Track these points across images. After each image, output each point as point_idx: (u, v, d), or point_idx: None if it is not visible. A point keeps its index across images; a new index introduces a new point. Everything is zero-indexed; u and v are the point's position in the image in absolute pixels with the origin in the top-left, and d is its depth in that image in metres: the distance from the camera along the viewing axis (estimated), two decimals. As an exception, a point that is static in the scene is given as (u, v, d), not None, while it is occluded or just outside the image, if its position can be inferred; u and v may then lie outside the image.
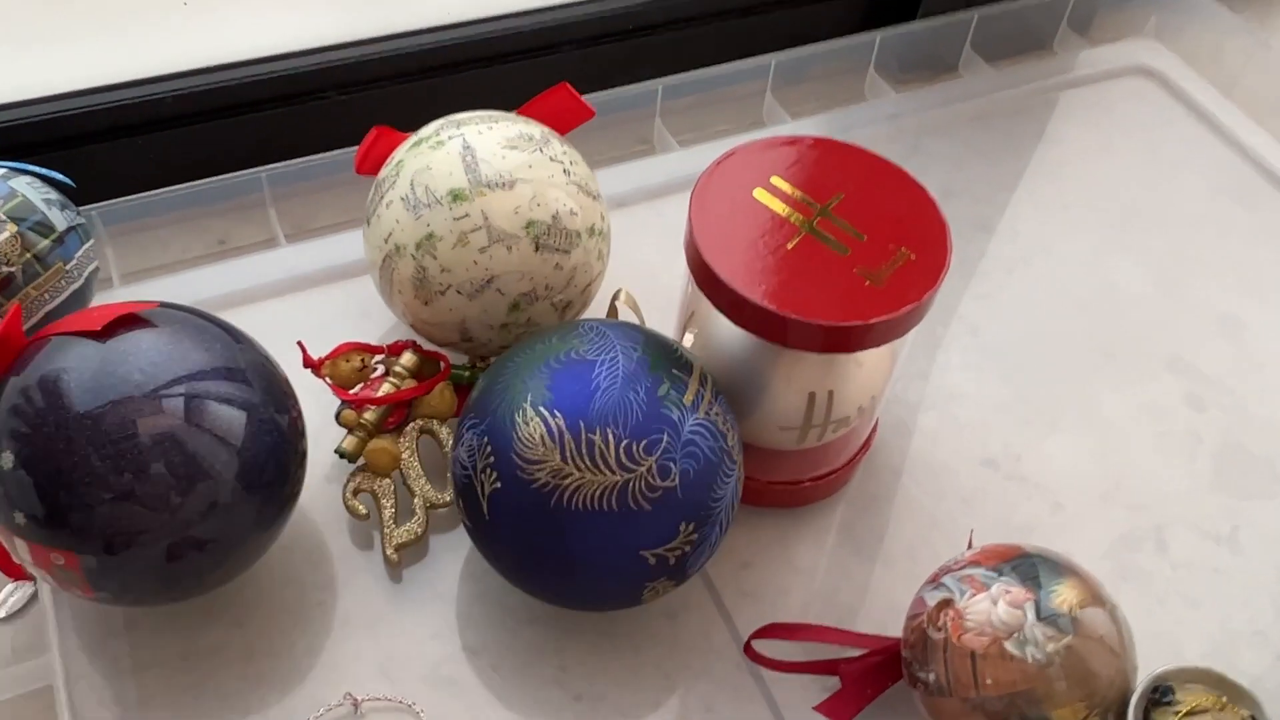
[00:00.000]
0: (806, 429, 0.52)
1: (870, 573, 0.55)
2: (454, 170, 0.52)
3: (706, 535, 0.46)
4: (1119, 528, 0.58)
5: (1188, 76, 0.83)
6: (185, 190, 0.63)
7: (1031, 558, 0.46)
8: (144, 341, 0.44)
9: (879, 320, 0.46)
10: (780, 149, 0.52)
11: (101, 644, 0.50)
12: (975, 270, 0.69)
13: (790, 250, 0.48)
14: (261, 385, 0.47)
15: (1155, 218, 0.74)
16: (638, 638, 0.52)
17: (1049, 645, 0.43)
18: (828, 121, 0.77)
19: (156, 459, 0.43)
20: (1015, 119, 0.79)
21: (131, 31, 0.62)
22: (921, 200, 0.50)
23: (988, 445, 0.61)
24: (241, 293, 0.63)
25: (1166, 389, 0.64)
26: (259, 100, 0.66)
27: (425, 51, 0.68)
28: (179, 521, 0.44)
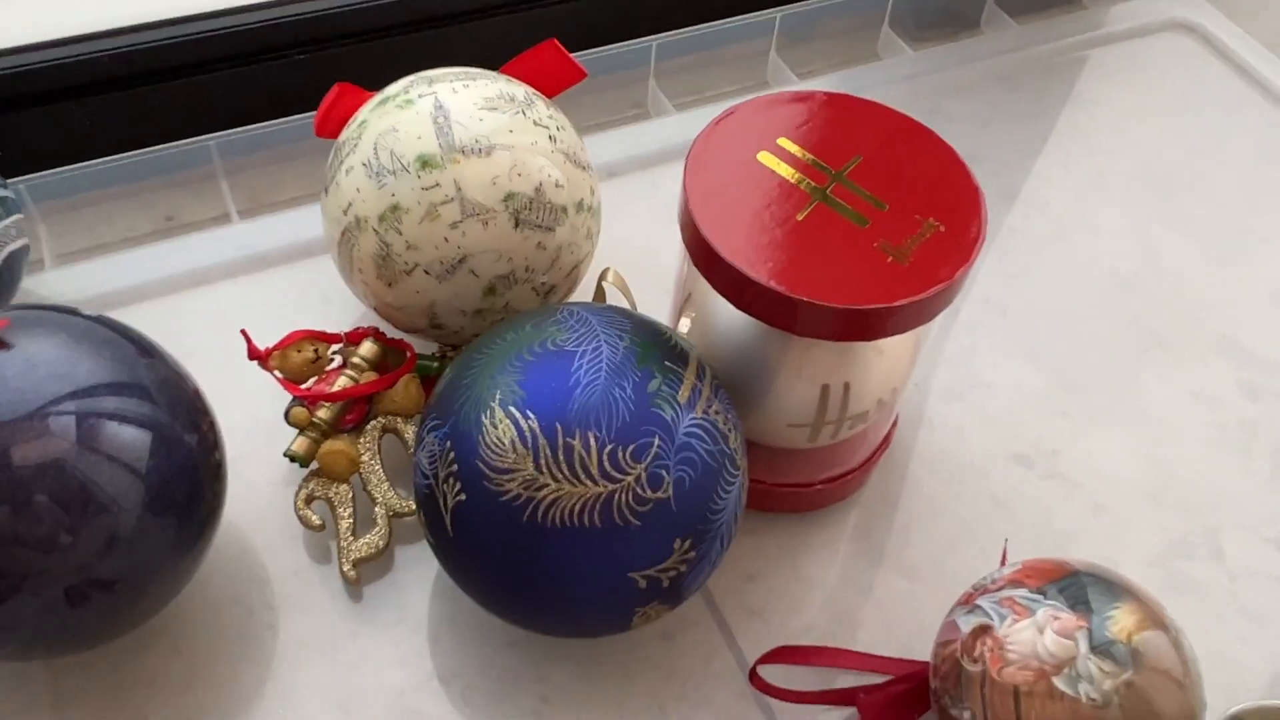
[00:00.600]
0: (819, 426, 0.46)
1: (891, 586, 0.49)
2: (424, 133, 0.45)
3: (705, 552, 0.40)
4: (1169, 533, 0.52)
5: (1230, 31, 0.76)
6: (127, 161, 0.58)
7: (1081, 577, 0.40)
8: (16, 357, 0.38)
9: (904, 303, 0.39)
10: (788, 106, 0.45)
11: (18, 676, 0.44)
12: (1003, 245, 0.63)
13: (800, 222, 0.41)
14: (166, 398, 0.40)
15: (1199, 186, 0.67)
16: (629, 663, 0.46)
17: (1105, 682, 0.37)
18: (838, 82, 0.71)
19: (40, 489, 0.37)
20: (1043, 79, 0.73)
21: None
22: (951, 163, 0.44)
23: (1020, 440, 0.55)
24: (191, 274, 0.57)
25: (1217, 375, 0.58)
26: (209, 59, 0.60)
27: (396, 4, 0.61)
28: (73, 561, 0.38)
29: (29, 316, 0.39)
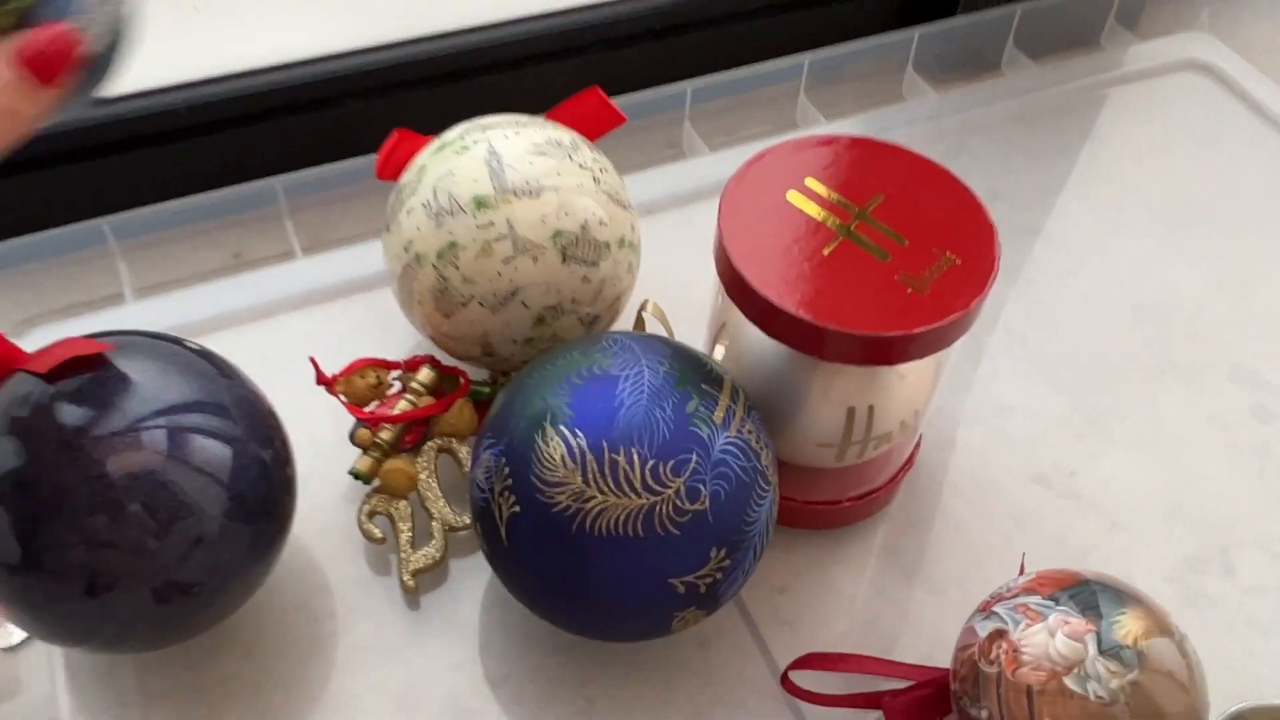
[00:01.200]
0: (846, 446, 0.49)
1: (915, 598, 0.52)
2: (479, 176, 0.49)
3: (740, 561, 0.43)
4: (1183, 549, 0.55)
5: (1244, 70, 0.79)
6: (199, 202, 0.61)
7: (1091, 585, 0.42)
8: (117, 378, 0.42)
9: (923, 330, 0.42)
10: (815, 149, 0.49)
11: (108, 676, 0.48)
12: (1024, 276, 0.66)
13: (827, 256, 0.45)
14: (244, 417, 0.44)
15: (1214, 219, 0.70)
16: (668, 669, 0.49)
17: (1113, 681, 0.39)
18: (865, 123, 0.74)
19: (133, 498, 0.40)
20: (1062, 118, 0.76)
21: (144, 38, 0.60)
22: (967, 201, 0.47)
23: (1039, 461, 0.57)
24: (257, 307, 0.61)
25: (1231, 400, 0.61)
26: (275, 108, 0.64)
27: (448, 55, 0.66)
28: (161, 562, 0.41)
29: (128, 342, 0.43)
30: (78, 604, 0.41)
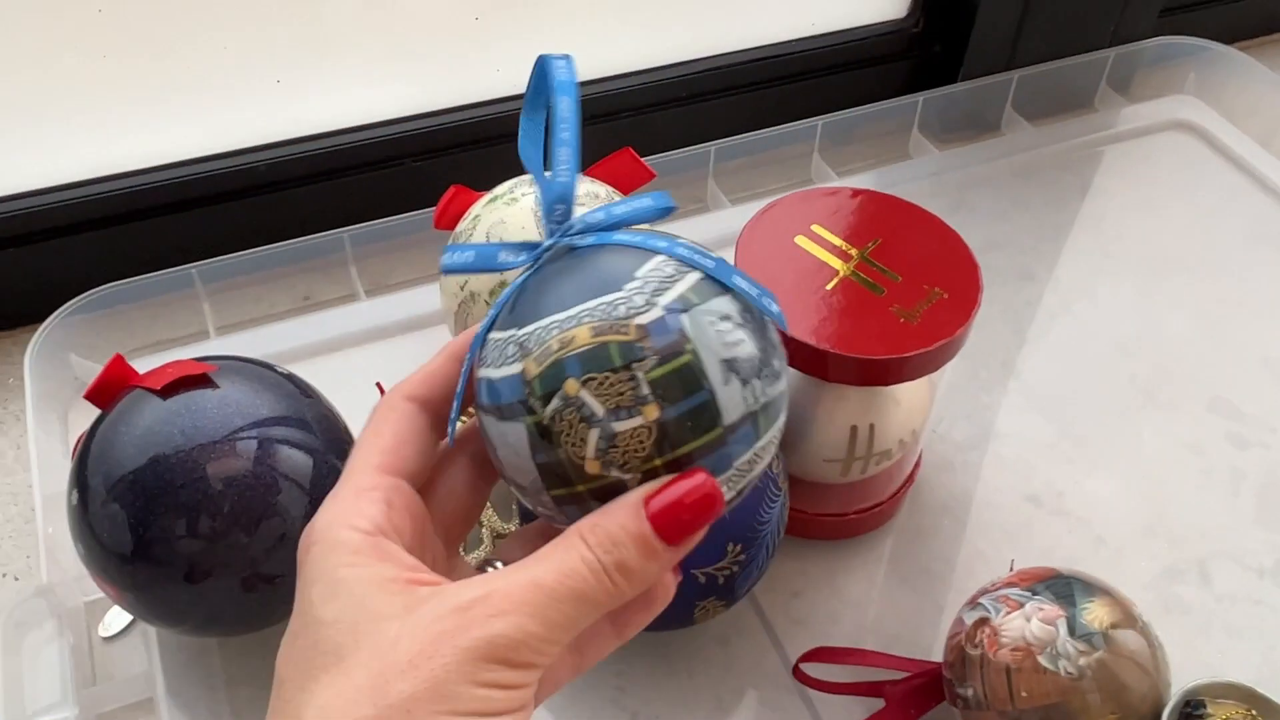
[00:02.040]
0: (850, 461, 0.55)
1: (913, 602, 0.58)
2: (526, 224, 0.56)
3: (754, 557, 0.49)
4: (1162, 561, 0.60)
5: (1226, 130, 0.85)
6: (274, 251, 0.69)
7: (1066, 578, 0.48)
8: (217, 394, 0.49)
9: (915, 354, 0.49)
10: (820, 199, 0.56)
11: (196, 661, 0.54)
12: (1019, 316, 0.72)
13: (829, 291, 0.51)
14: (323, 431, 0.51)
15: (1197, 264, 0.76)
16: (693, 661, 0.55)
17: (1081, 659, 0.45)
18: (874, 179, 0.81)
19: (228, 498, 0.47)
20: (1058, 174, 0.82)
21: (233, 106, 0.69)
22: (955, 244, 0.54)
23: (1031, 482, 0.63)
24: (324, 343, 0.68)
25: (1208, 428, 0.66)
26: (343, 167, 0.72)
27: (497, 119, 0.73)
28: (250, 555, 0.48)
29: (227, 365, 0.50)
30: (178, 589, 0.48)
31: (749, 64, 0.80)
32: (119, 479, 0.47)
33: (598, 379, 0.29)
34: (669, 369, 0.29)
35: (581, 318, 0.29)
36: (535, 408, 0.30)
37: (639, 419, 0.29)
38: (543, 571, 0.29)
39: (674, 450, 0.29)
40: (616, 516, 0.30)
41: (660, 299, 0.30)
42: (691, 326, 0.29)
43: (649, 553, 0.30)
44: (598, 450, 0.29)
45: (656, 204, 0.33)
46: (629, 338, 0.29)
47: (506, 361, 0.30)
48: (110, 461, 0.47)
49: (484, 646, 0.28)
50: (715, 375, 0.29)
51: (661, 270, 0.30)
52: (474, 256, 0.33)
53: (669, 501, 0.29)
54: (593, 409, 0.29)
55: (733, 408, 0.30)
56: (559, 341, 0.29)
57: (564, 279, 0.31)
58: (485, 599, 0.29)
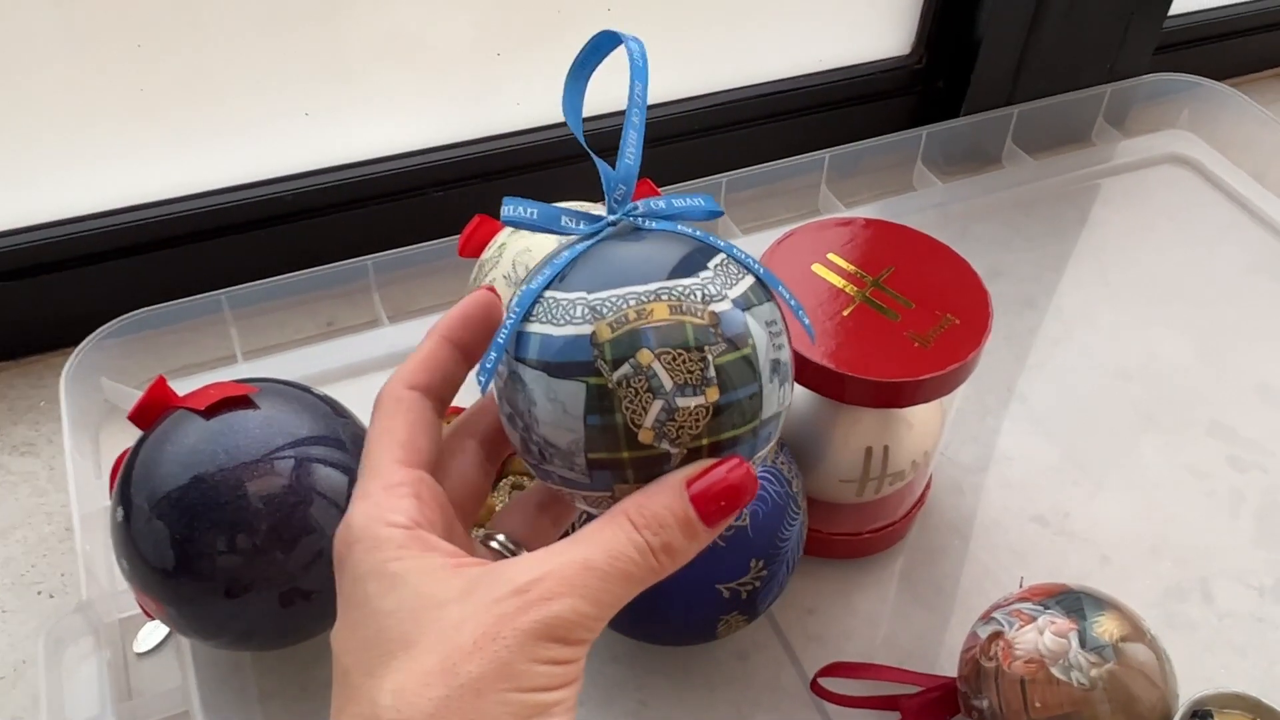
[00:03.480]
0: (865, 482, 0.57)
1: (926, 619, 0.59)
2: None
3: (775, 573, 0.51)
4: (1166, 580, 0.62)
5: (1221, 164, 0.88)
6: (301, 277, 0.70)
7: (1076, 593, 0.50)
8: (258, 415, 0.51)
9: (928, 377, 0.51)
10: (835, 229, 0.58)
11: (230, 676, 0.55)
12: (1022, 343, 0.74)
13: (846, 317, 0.53)
14: (358, 450, 0.53)
15: (1193, 293, 0.78)
16: (712, 676, 0.57)
17: (1092, 670, 0.46)
18: (879, 210, 0.83)
19: (268, 516, 0.49)
20: (1057, 205, 0.85)
21: (261, 138, 0.71)
22: (965, 272, 0.56)
23: (1037, 503, 0.65)
24: (347, 367, 0.70)
25: (1209, 451, 0.68)
26: (368, 197, 0.74)
27: (518, 151, 0.76)
28: (288, 571, 0.49)
29: (268, 386, 0.52)
30: (217, 604, 0.49)
31: (759, 99, 0.83)
32: (163, 496, 0.49)
33: (671, 353, 0.30)
34: (734, 357, 0.31)
35: (660, 294, 0.31)
36: (602, 369, 0.31)
37: (701, 398, 0.31)
38: (594, 553, 0.31)
39: (720, 433, 0.31)
40: (661, 498, 0.31)
41: (729, 292, 0.31)
42: (752, 323, 0.32)
43: (691, 533, 0.31)
44: (656, 421, 0.31)
45: (707, 205, 0.35)
46: (704, 322, 0.31)
47: (573, 321, 0.31)
48: (155, 479, 0.49)
49: (542, 628, 0.30)
50: (765, 371, 0.32)
51: (727, 267, 0.32)
52: (537, 215, 0.33)
53: (711, 484, 0.31)
54: (662, 381, 0.30)
55: (771, 404, 0.32)
56: (636, 312, 0.31)
57: (638, 254, 0.32)
58: (540, 581, 0.30)
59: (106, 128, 0.66)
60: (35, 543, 0.62)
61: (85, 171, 0.68)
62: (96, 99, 0.65)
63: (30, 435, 0.68)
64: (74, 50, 0.63)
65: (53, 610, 0.59)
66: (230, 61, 0.66)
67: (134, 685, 0.56)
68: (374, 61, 0.70)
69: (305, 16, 0.67)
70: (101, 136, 0.67)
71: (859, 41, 0.86)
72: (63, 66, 0.63)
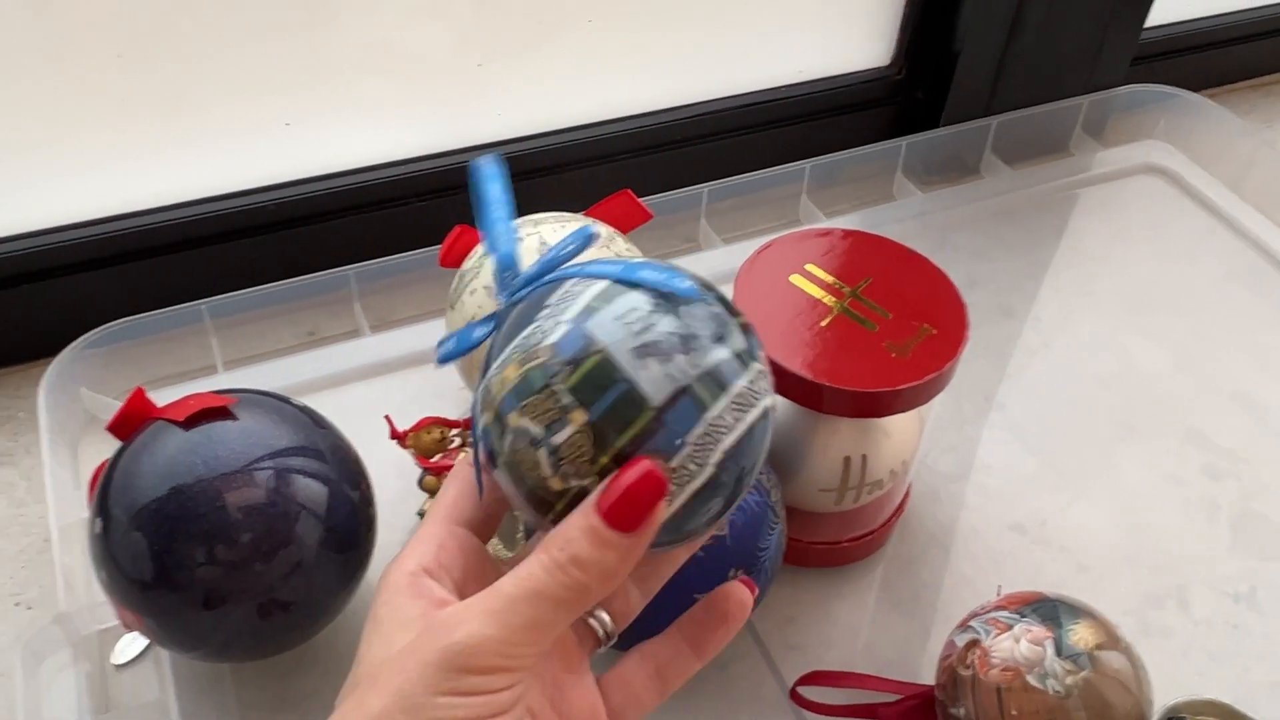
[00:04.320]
0: (843, 491, 0.57)
1: (906, 627, 0.60)
2: (531, 261, 0.59)
3: (754, 582, 0.51)
4: (1142, 587, 0.62)
5: (1197, 174, 0.89)
6: (281, 287, 0.70)
7: (1052, 601, 0.50)
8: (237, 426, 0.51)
9: (905, 387, 0.51)
10: (814, 239, 0.58)
11: (210, 687, 0.55)
12: (1000, 352, 0.75)
13: (824, 327, 0.54)
14: (337, 462, 0.53)
15: (1170, 302, 0.79)
16: (692, 685, 0.56)
17: (1068, 678, 0.47)
18: (859, 219, 0.84)
19: (247, 527, 0.49)
20: (1036, 215, 0.86)
21: (242, 148, 0.71)
22: (942, 283, 0.56)
23: (1015, 511, 0.65)
24: (329, 377, 0.70)
25: (1185, 460, 0.69)
26: (349, 207, 0.74)
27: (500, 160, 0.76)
28: (266, 582, 0.49)
29: (247, 397, 0.52)
30: (196, 615, 0.49)
31: (740, 109, 0.83)
32: (141, 508, 0.48)
33: (528, 404, 0.31)
34: (581, 374, 0.31)
35: (508, 359, 0.32)
36: (497, 449, 0.33)
37: (570, 427, 0.31)
38: (504, 580, 0.32)
39: (615, 444, 0.31)
40: (572, 517, 0.32)
41: (564, 316, 0.32)
42: (596, 329, 0.32)
43: (600, 542, 0.31)
44: (551, 466, 0.32)
45: (578, 237, 0.36)
46: (543, 359, 0.32)
47: (476, 418, 0.34)
48: (133, 490, 0.49)
49: (441, 658, 0.30)
50: (628, 364, 0.31)
51: (571, 292, 0.33)
52: (455, 342, 0.36)
53: (611, 490, 0.31)
54: (532, 432, 0.31)
55: (657, 389, 0.31)
56: (498, 384, 0.32)
57: (507, 328, 0.34)
58: (451, 613, 0.32)
59: (86, 137, 0.66)
60: (13, 554, 0.62)
61: (65, 181, 0.68)
62: (76, 109, 0.65)
63: (8, 446, 0.67)
64: (54, 60, 0.63)
65: (30, 622, 0.59)
66: (211, 71, 0.67)
67: (112, 697, 0.56)
68: (355, 72, 0.70)
69: (286, 27, 0.67)
70: (81, 146, 0.66)
71: (839, 53, 0.87)
72: (42, 76, 0.63)
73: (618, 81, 0.79)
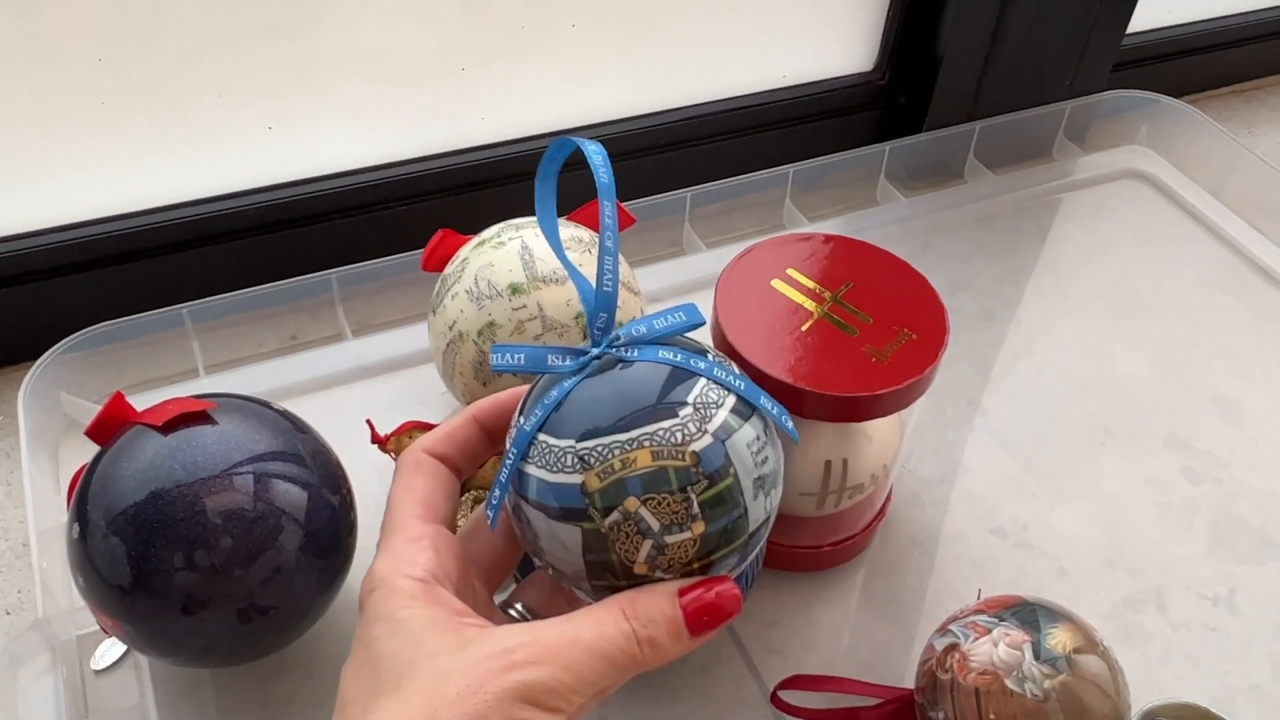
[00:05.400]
0: (824, 495, 0.57)
1: (887, 631, 0.60)
2: (513, 267, 0.59)
3: (734, 586, 0.51)
4: (1121, 590, 0.62)
5: (1178, 179, 0.89)
6: (264, 291, 0.70)
7: (1031, 605, 0.50)
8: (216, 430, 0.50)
9: (885, 392, 0.51)
10: (795, 244, 0.59)
11: (189, 693, 0.55)
12: (981, 356, 0.75)
13: (805, 332, 0.54)
14: (318, 466, 0.53)
15: (1151, 307, 0.79)
16: (674, 689, 0.57)
17: (1046, 682, 0.47)
18: (843, 224, 0.84)
19: (226, 532, 0.48)
20: (1018, 220, 0.86)
21: (224, 151, 0.71)
22: (922, 288, 0.57)
23: (996, 515, 0.66)
24: (311, 381, 0.70)
25: (1164, 463, 0.69)
26: (330, 210, 0.74)
27: (483, 165, 0.76)
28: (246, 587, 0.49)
29: (226, 401, 0.52)
30: (175, 621, 0.49)
31: (724, 114, 0.83)
32: (120, 512, 0.48)
33: (656, 499, 0.33)
34: (716, 491, 0.33)
35: (642, 440, 0.33)
36: (594, 517, 0.33)
37: (688, 534, 0.33)
38: (582, 630, 0.33)
39: (710, 556, 0.34)
40: (654, 598, 0.34)
41: (709, 426, 0.34)
42: (733, 452, 0.34)
43: (676, 635, 0.34)
44: (648, 557, 0.33)
45: (689, 319, 0.37)
46: (684, 464, 0.33)
47: (564, 470, 0.34)
48: (111, 495, 0.49)
49: (521, 690, 0.32)
50: (748, 493, 0.34)
51: (706, 395, 0.34)
52: (524, 359, 0.36)
53: (699, 601, 0.34)
54: (649, 524, 0.33)
55: (757, 516, 0.35)
56: (621, 461, 0.33)
57: (620, 393, 0.34)
58: (528, 645, 0.33)
59: (67, 141, 0.66)
60: (-8, 559, 0.62)
61: (45, 184, 0.67)
62: (56, 112, 0.65)
63: (-12, 450, 0.67)
64: (34, 63, 0.62)
65: (8, 627, 0.59)
66: (192, 75, 0.66)
67: (91, 703, 0.55)
68: (338, 75, 0.70)
69: (269, 30, 0.67)
70: (61, 149, 0.66)
71: (823, 58, 0.87)
72: (22, 79, 0.63)
73: (601, 86, 0.79)
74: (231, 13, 0.65)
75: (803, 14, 0.84)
